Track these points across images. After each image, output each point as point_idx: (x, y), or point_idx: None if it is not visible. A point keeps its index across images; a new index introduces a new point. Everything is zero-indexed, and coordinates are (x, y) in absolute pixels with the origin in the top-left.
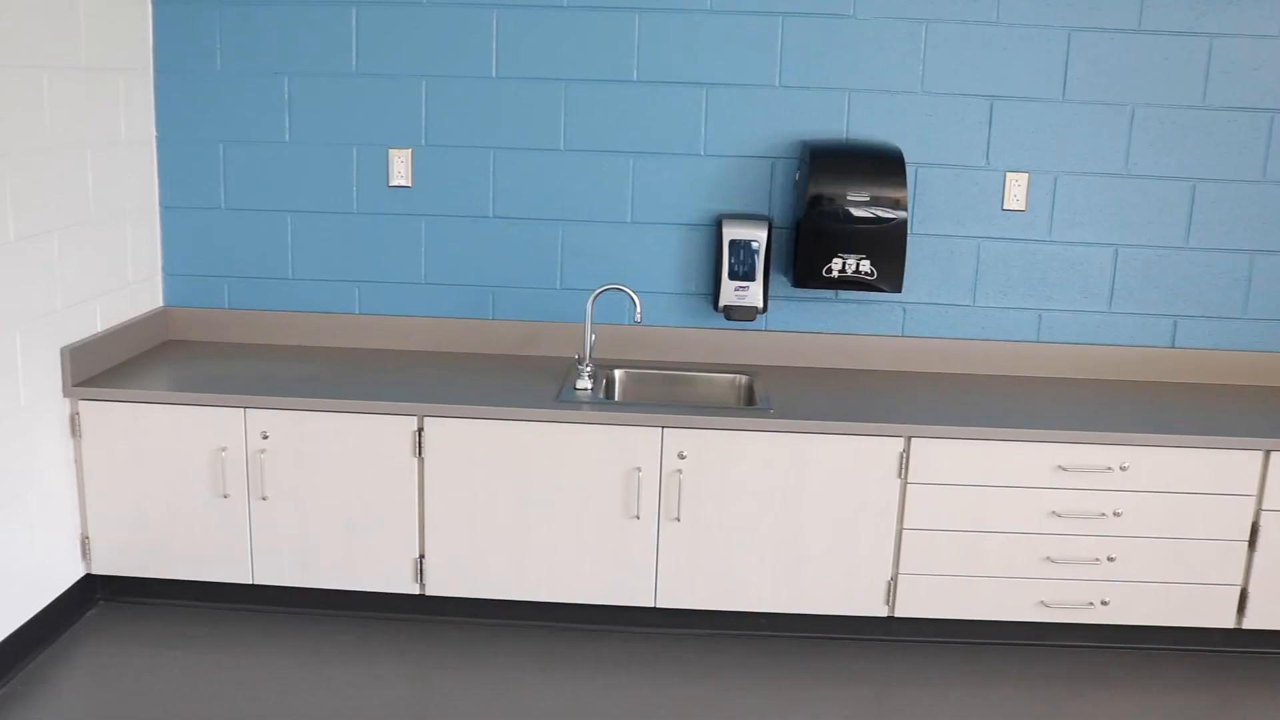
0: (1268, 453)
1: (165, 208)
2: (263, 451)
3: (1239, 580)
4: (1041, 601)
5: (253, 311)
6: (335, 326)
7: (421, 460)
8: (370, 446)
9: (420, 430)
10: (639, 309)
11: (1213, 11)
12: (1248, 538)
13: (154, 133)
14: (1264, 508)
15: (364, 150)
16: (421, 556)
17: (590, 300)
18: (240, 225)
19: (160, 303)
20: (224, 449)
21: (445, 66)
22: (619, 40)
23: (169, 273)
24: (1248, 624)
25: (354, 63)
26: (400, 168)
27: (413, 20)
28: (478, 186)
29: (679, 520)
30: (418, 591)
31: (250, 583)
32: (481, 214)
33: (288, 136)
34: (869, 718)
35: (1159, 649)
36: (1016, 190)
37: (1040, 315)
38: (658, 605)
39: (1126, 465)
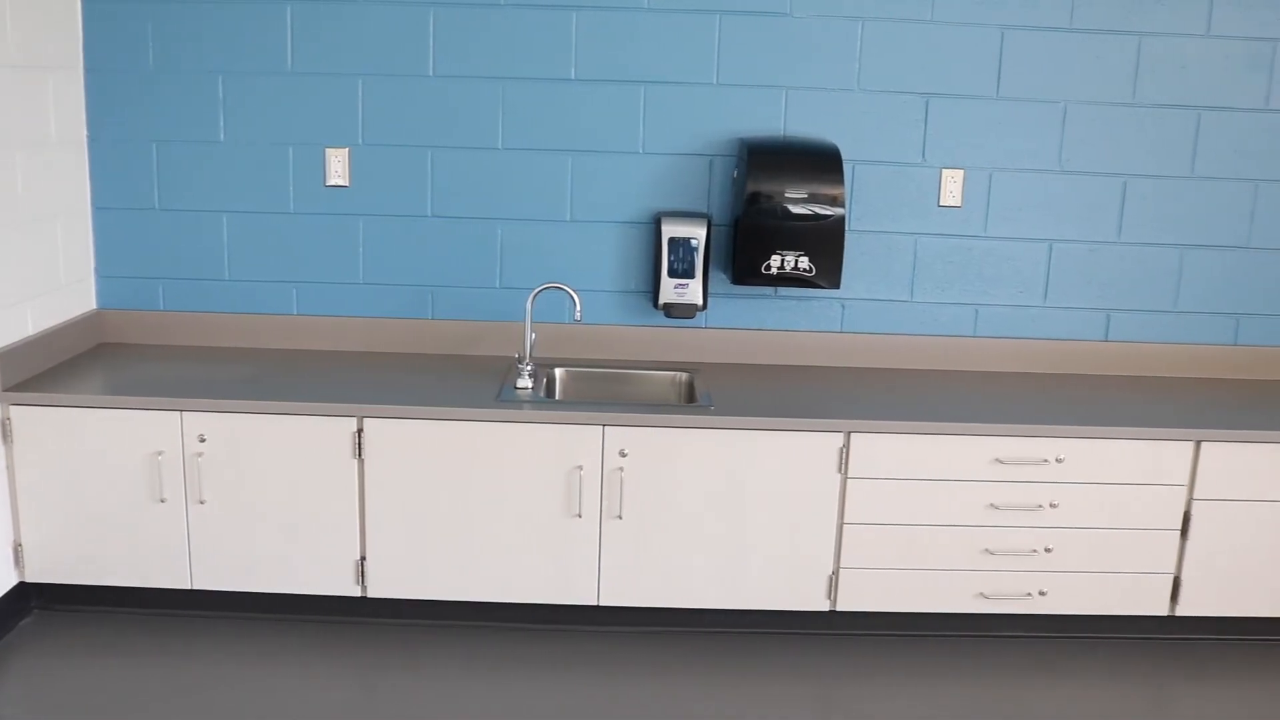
0: (1198, 443)
1: (98, 208)
2: (200, 455)
3: (1172, 568)
4: (981, 593)
5: (188, 313)
6: (272, 328)
7: (361, 461)
8: (309, 448)
9: (360, 431)
10: (579, 307)
11: (1141, 11)
12: (1180, 527)
13: (85, 132)
14: (1195, 497)
15: (300, 150)
16: (362, 558)
17: (530, 299)
18: (175, 226)
19: (94, 305)
20: (160, 453)
21: (382, 65)
22: (557, 39)
23: (102, 274)
24: (1181, 611)
25: (289, 61)
26: (337, 167)
27: (349, 18)
28: (416, 186)
29: (621, 518)
30: (359, 594)
31: (188, 588)
32: (420, 213)
33: (222, 136)
34: (813, 712)
35: (1096, 637)
36: (952, 186)
37: (977, 310)
38: (600, 603)
39: (1062, 457)
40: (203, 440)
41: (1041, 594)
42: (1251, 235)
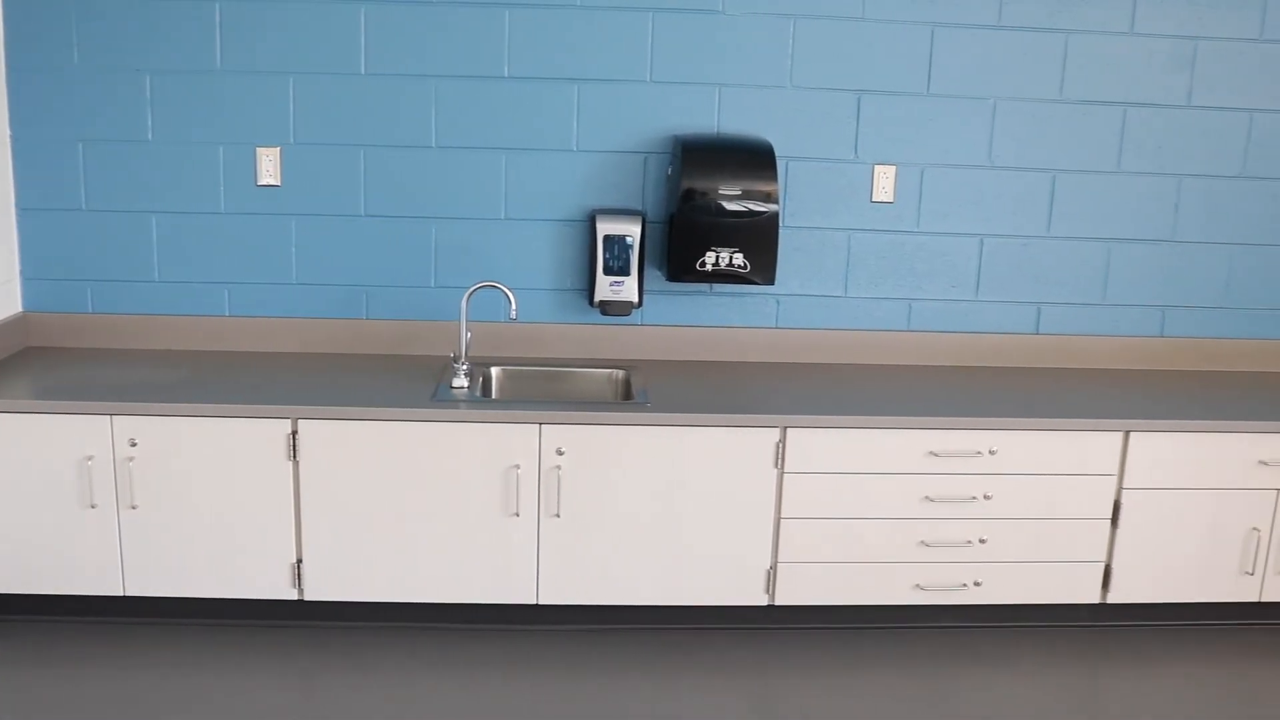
0: (1127, 433)
1: (22, 209)
2: (131, 459)
3: (1103, 557)
4: (917, 584)
5: (117, 315)
6: (204, 329)
7: (296, 463)
8: (243, 451)
9: (294, 433)
10: (514, 306)
11: (1067, 9)
12: (1110, 515)
13: (8, 132)
14: (1125, 486)
15: (230, 149)
16: (299, 561)
17: (465, 298)
18: (102, 227)
19: (19, 308)
20: (90, 458)
21: (313, 63)
22: (489, 36)
23: (28, 277)
24: (1112, 598)
25: (218, 59)
26: (268, 166)
27: (279, 16)
28: (348, 185)
29: (559, 516)
30: (296, 597)
31: (121, 595)
32: (353, 213)
33: (150, 135)
34: (752, 705)
35: (1030, 626)
36: (884, 182)
37: (910, 305)
38: (540, 602)
39: (995, 449)
40: (134, 444)
41: (976, 584)
42: (1176, 229)
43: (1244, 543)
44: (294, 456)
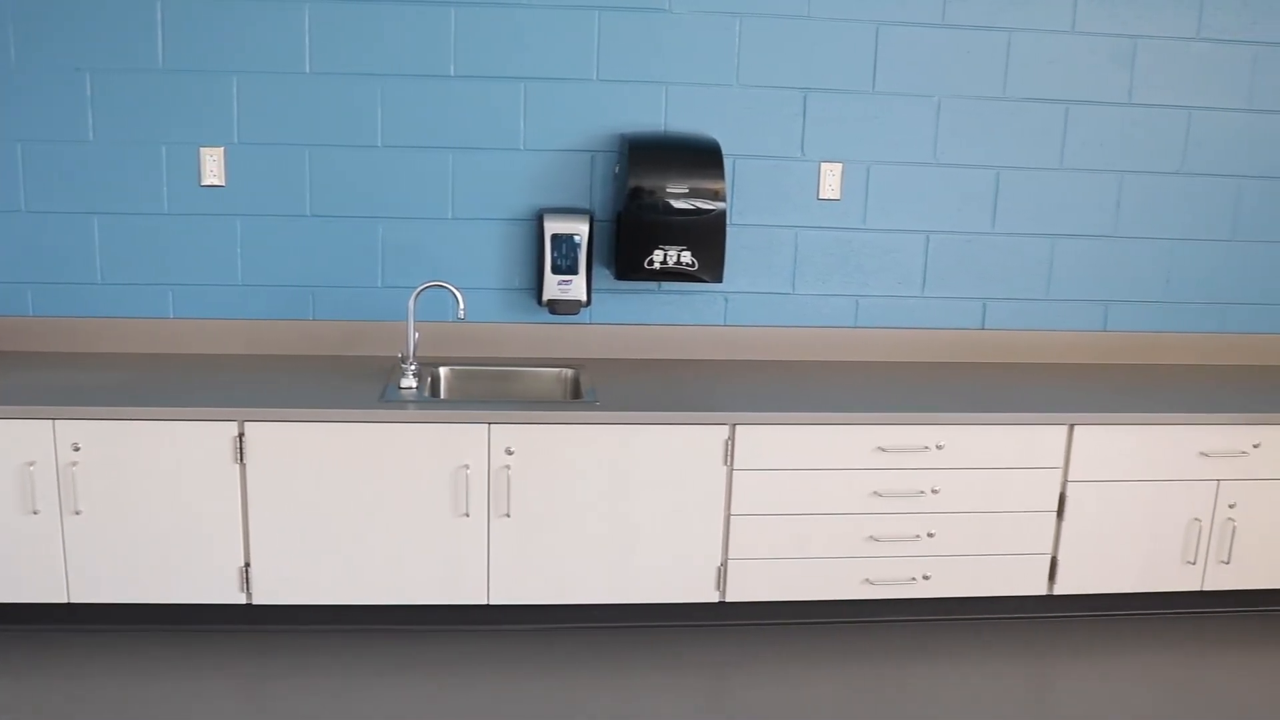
0: (1071, 426)
1: None
2: (74, 464)
3: (1049, 549)
4: (866, 579)
5: (59, 318)
6: (148, 332)
7: (243, 466)
8: (189, 454)
9: (241, 436)
10: (462, 306)
11: (1010, 8)
12: (1056, 508)
13: None
14: (1070, 479)
15: (173, 149)
16: (247, 565)
17: (412, 298)
18: (43, 228)
19: None
20: (32, 463)
21: (257, 62)
22: (435, 35)
23: None
24: (1058, 590)
25: (160, 58)
26: (212, 166)
27: (221, 15)
28: (294, 185)
29: (509, 516)
30: (244, 601)
31: (66, 602)
32: (298, 213)
33: (91, 135)
34: (704, 701)
35: (978, 618)
36: (831, 180)
37: (857, 301)
38: (490, 602)
39: (942, 444)
40: (77, 449)
41: (925, 578)
42: (1118, 225)
43: (1186, 533)
44: (241, 459)
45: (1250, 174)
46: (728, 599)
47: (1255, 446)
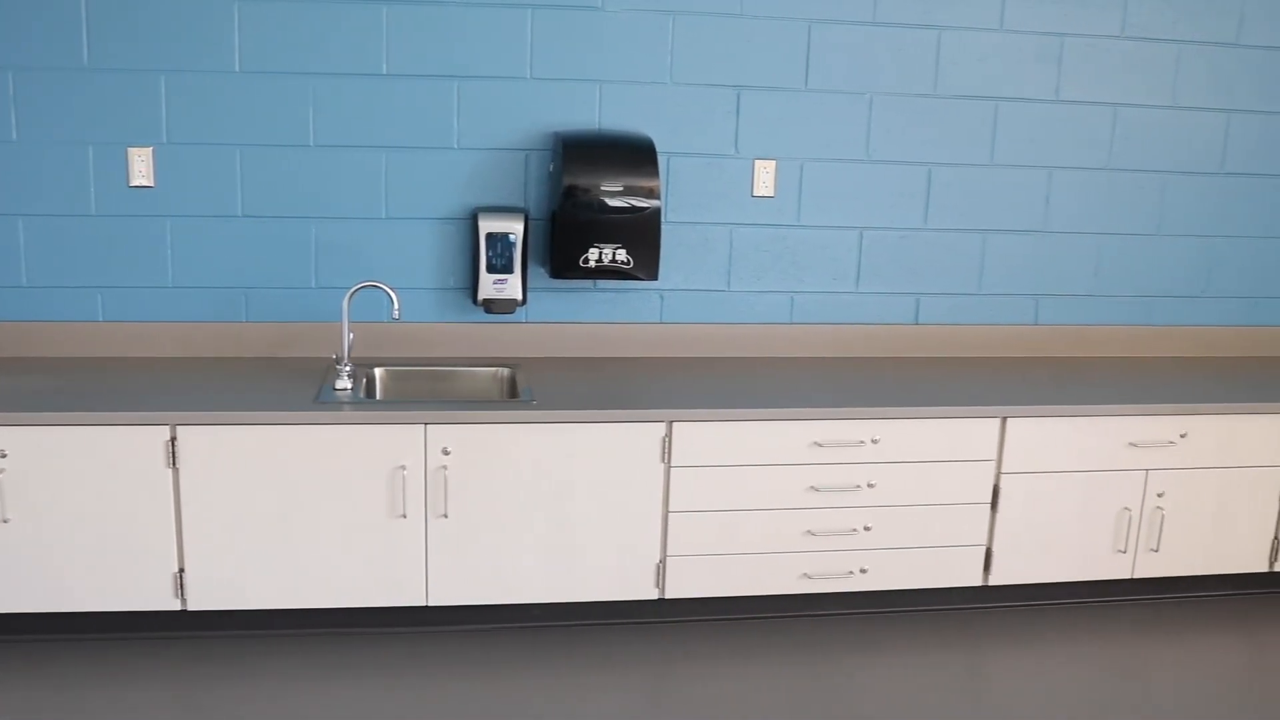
0: (1004, 419)
1: None
2: (1, 471)
3: (984, 540)
4: (805, 573)
5: None
6: (77, 335)
7: (176, 470)
8: (120, 460)
9: (173, 440)
10: (397, 306)
11: (940, 6)
12: (990, 500)
13: None
14: (1003, 471)
15: (101, 149)
16: (181, 571)
17: (346, 298)
18: None
19: None
20: None
21: (186, 61)
22: (367, 33)
23: None
24: (993, 580)
25: (86, 56)
26: (141, 167)
27: (149, 12)
28: (225, 185)
29: (446, 517)
30: (179, 607)
31: None
32: (230, 213)
33: (15, 135)
34: (645, 698)
35: (915, 610)
36: (765, 177)
37: (792, 297)
38: (429, 603)
39: (878, 438)
40: (3, 456)
41: (863, 571)
42: (1047, 220)
43: (1116, 522)
44: (173, 464)
45: (1174, 169)
46: (667, 596)
47: (1182, 436)
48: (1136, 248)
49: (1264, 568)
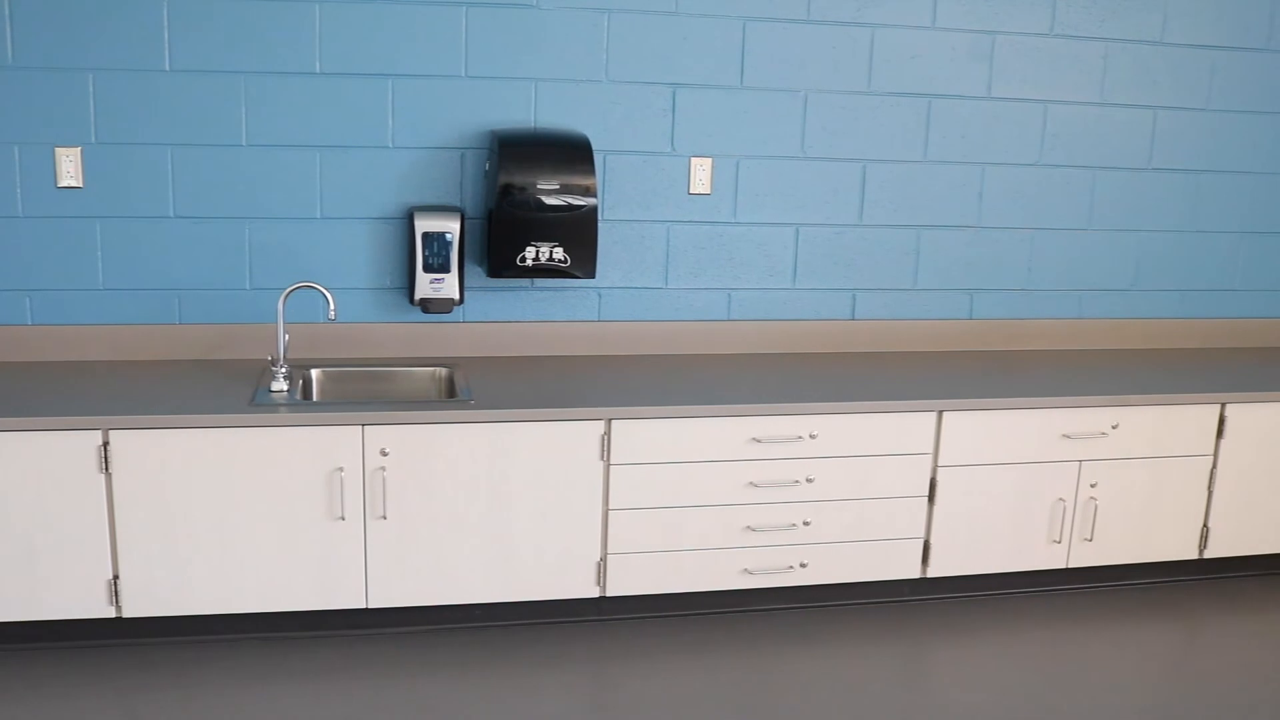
0: (940, 413)
1: None
2: None
3: (922, 533)
4: (745, 569)
5: None
6: (5, 339)
7: (109, 475)
8: (51, 466)
9: (106, 444)
10: (332, 306)
11: (873, 4)
12: (927, 493)
13: None
14: (940, 464)
15: (26, 149)
16: (115, 577)
17: (281, 299)
18: None
19: None
20: None
21: (114, 59)
22: (299, 31)
23: None
24: (931, 572)
25: (10, 55)
26: (69, 167)
27: (76, 10)
28: (156, 185)
29: (385, 518)
30: (114, 615)
31: None
32: (161, 214)
33: None
34: (587, 697)
35: (855, 603)
36: (701, 175)
37: (730, 294)
38: (369, 606)
39: (816, 433)
40: None
41: (802, 566)
42: (981, 215)
43: (1051, 513)
44: (106, 469)
45: (1103, 165)
46: (608, 594)
47: (1114, 427)
48: (1068, 242)
49: (1193, 555)
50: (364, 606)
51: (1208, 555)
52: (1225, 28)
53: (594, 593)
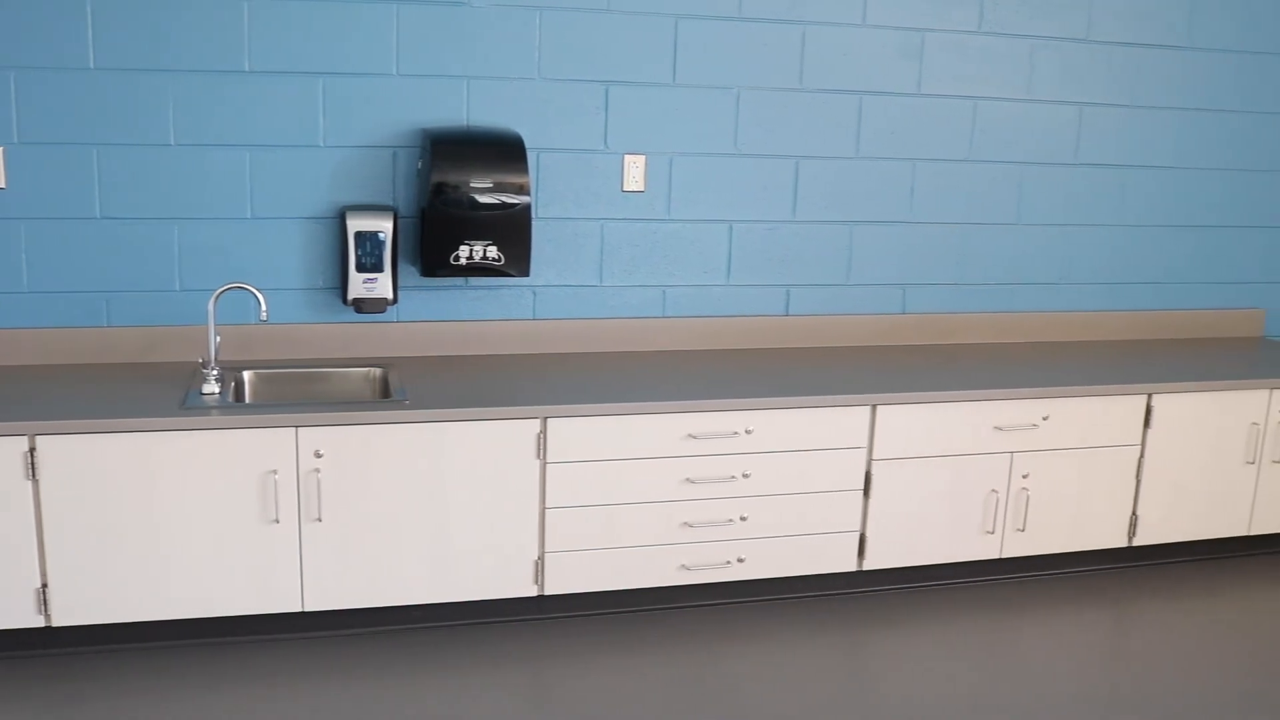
0: (874, 407)
1: None
2: None
3: (858, 526)
4: (683, 565)
5: None
6: None
7: (36, 482)
8: None
9: (32, 450)
10: (264, 307)
11: (805, 1)
12: (863, 486)
13: None
14: (875, 457)
15: None
16: (44, 586)
17: (212, 300)
18: None
19: None
20: None
21: (37, 57)
22: (228, 29)
23: None
24: (867, 565)
25: None
26: None
27: None
28: (82, 186)
29: (320, 520)
30: (43, 624)
31: None
32: (88, 215)
33: None
34: (527, 696)
35: (793, 597)
36: (635, 172)
37: (664, 291)
38: (305, 609)
39: (751, 429)
40: None
41: (740, 561)
42: (912, 210)
43: (984, 504)
44: (33, 475)
45: (1031, 160)
46: (546, 592)
47: (1045, 419)
48: (998, 237)
49: (1123, 543)
50: (300, 610)
51: (1137, 543)
52: (1148, 26)
53: (532, 591)
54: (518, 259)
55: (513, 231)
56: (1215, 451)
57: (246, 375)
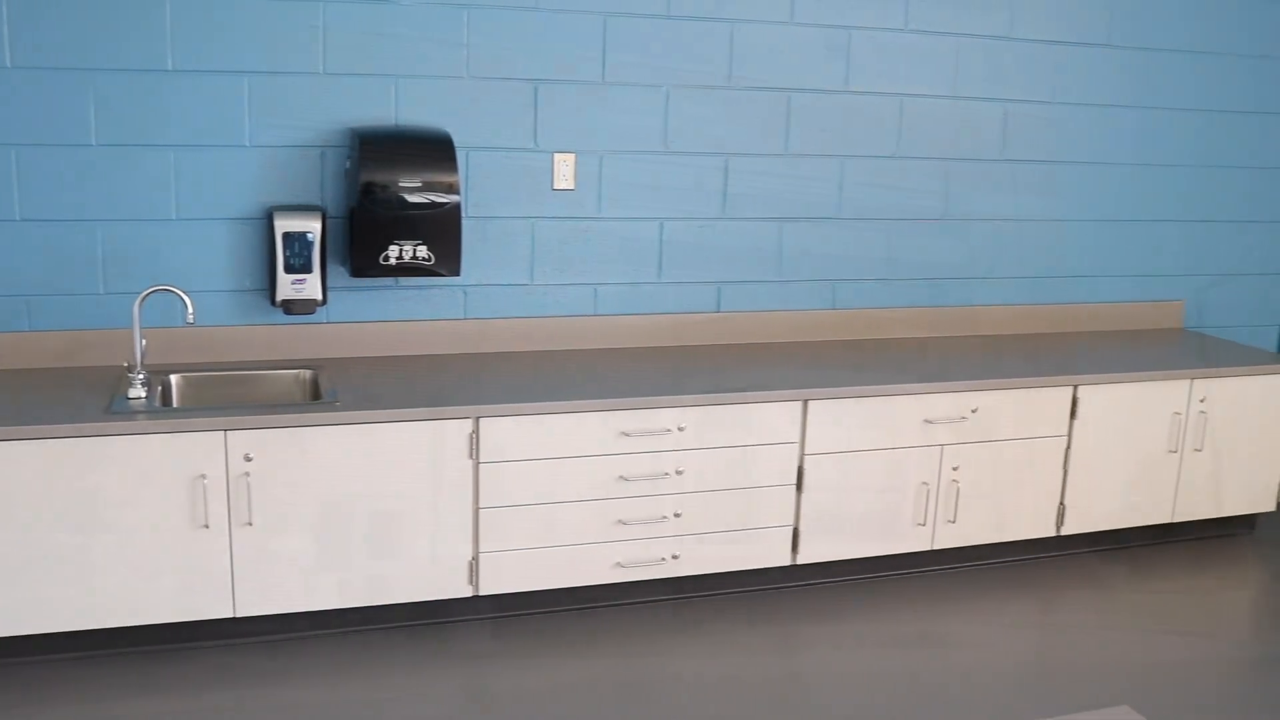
0: (806, 401)
1: None
2: None
3: (791, 521)
4: (618, 563)
5: None
6: None
7: None
8: None
9: None
10: (190, 310)
11: None
12: (795, 481)
13: None
14: (807, 452)
15: None
16: None
17: (137, 303)
18: None
19: None
20: None
21: None
22: (148, 26)
23: None
24: (801, 559)
25: None
26: None
27: None
28: (1, 187)
29: (251, 525)
30: None
31: None
32: (6, 217)
33: None
34: (463, 697)
35: (727, 592)
36: (565, 170)
37: (596, 289)
38: (238, 615)
39: (684, 426)
40: None
41: (674, 558)
42: (841, 207)
43: (915, 496)
44: None
45: (958, 156)
46: (481, 592)
47: (973, 412)
48: (924, 232)
49: (1051, 532)
50: (232, 616)
51: (1065, 532)
52: (1067, 25)
53: (467, 592)
54: (448, 258)
55: (443, 231)
56: (1140, 441)
57: (174, 379)
